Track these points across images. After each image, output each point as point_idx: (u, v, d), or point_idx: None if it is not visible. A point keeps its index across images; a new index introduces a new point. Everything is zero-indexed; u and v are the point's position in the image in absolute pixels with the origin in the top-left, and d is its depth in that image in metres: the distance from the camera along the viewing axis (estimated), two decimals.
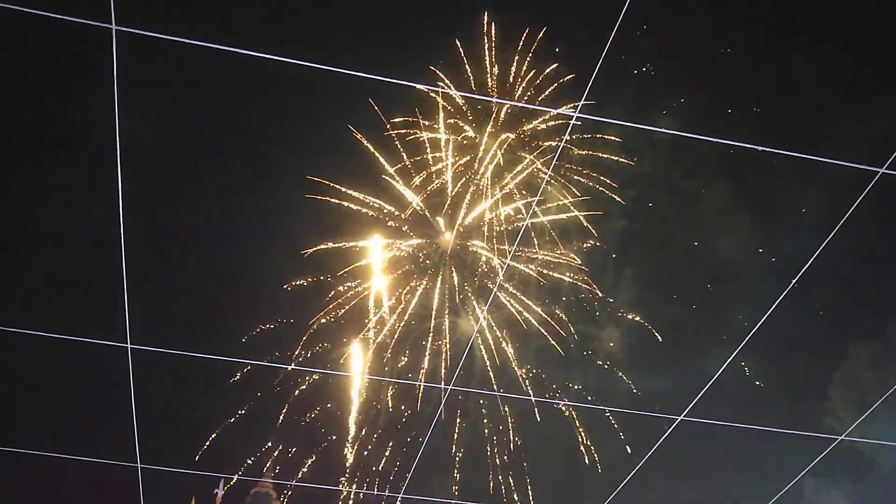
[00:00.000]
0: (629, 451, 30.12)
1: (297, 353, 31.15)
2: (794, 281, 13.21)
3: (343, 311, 31.92)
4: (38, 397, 27.30)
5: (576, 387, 32.04)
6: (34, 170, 25.32)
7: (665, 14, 25.66)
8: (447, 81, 29.46)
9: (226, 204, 28.59)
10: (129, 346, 11.80)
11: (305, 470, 32.12)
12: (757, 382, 28.95)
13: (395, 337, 32.15)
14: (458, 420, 32.08)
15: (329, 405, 31.76)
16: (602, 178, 31.17)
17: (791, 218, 27.96)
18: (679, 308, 31.34)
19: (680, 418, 14.02)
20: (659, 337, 31.34)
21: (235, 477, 31.54)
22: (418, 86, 27.43)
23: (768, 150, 12.52)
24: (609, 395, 31.79)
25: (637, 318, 31.80)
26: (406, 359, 32.24)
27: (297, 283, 30.99)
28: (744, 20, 26.75)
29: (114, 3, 8.19)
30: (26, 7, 9.78)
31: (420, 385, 32.18)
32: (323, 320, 31.71)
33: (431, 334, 32.06)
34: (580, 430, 31.88)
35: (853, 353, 28.36)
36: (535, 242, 31.68)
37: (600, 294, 31.96)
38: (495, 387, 32.09)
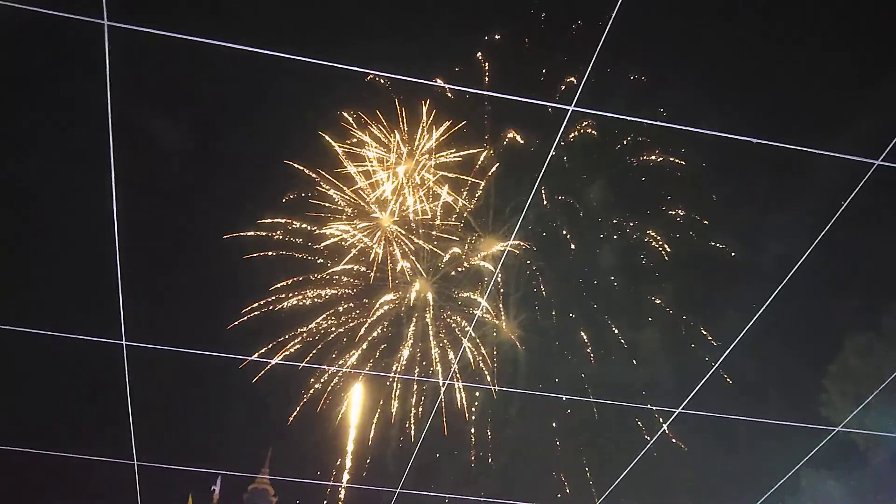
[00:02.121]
0: (627, 443, 30.21)
1: (292, 349, 31.15)
2: (790, 273, 13.18)
3: (342, 307, 31.94)
4: (33, 395, 27.24)
5: (573, 379, 32.09)
6: (27, 165, 25.20)
7: (661, 6, 25.63)
8: (439, 75, 29.41)
9: (222, 199, 28.54)
10: (124, 342, 11.75)
11: (303, 466, 32.17)
12: (754, 374, 29.00)
13: (395, 334, 32.19)
14: (456, 415, 32.12)
15: (327, 401, 31.77)
16: (594, 172, 31.19)
17: (787, 209, 27.98)
18: (676, 300, 31.39)
19: (678, 410, 14.04)
20: (656, 329, 31.39)
21: (233, 473, 31.57)
22: (429, 82, 27.42)
23: (763, 141, 12.48)
24: (607, 388, 31.86)
25: (634, 311, 31.85)
26: (405, 355, 32.26)
27: (295, 279, 30.99)
28: (741, 11, 26.74)
29: None
30: (18, 3, 9.70)
31: (417, 380, 32.21)
32: (321, 317, 31.72)
33: (430, 330, 32.08)
34: (577, 422, 31.95)
35: (849, 345, 28.39)
36: (534, 236, 31.71)
37: (597, 286, 32.01)
38: (492, 381, 32.13)
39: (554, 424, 32.13)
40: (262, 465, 34.46)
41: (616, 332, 31.91)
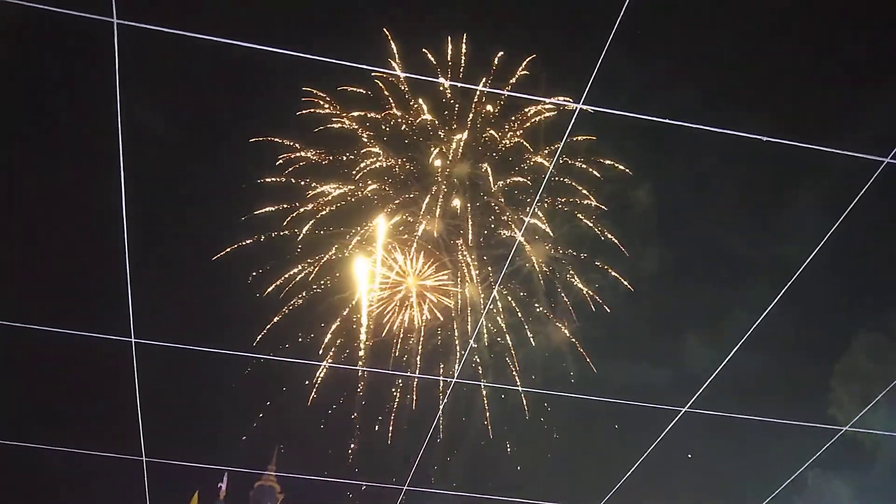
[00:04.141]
0: (631, 443, 30.13)
1: (300, 345, 31.19)
2: (798, 272, 13.16)
3: (348, 305, 31.97)
4: (42, 393, 27.33)
5: (579, 378, 32.03)
6: (35, 163, 25.27)
7: (670, 3, 25.54)
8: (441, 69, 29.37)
9: (231, 196, 28.58)
10: (132, 340, 11.80)
11: (309, 462, 32.21)
12: (761, 374, 28.91)
13: (405, 330, 32.19)
14: (463, 413, 32.12)
15: (334, 398, 31.80)
16: (602, 170, 31.09)
17: (795, 208, 27.86)
18: (682, 299, 31.29)
19: (684, 409, 14.04)
20: (661, 329, 31.31)
21: (240, 470, 31.66)
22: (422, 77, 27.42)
23: (773, 139, 12.48)
24: (613, 387, 31.79)
25: (641, 310, 31.76)
26: (414, 352, 32.28)
27: (303, 277, 31.02)
28: (750, 8, 26.61)
29: None
30: (27, 1, 9.74)
31: (425, 378, 32.22)
32: (328, 314, 31.73)
33: (439, 327, 32.12)
34: (583, 421, 31.90)
35: (857, 345, 28.33)
36: (540, 235, 31.66)
37: (600, 287, 31.93)
38: (498, 379, 32.13)
39: (557, 423, 32.11)
40: (268, 462, 34.52)
41: (621, 331, 31.87)
